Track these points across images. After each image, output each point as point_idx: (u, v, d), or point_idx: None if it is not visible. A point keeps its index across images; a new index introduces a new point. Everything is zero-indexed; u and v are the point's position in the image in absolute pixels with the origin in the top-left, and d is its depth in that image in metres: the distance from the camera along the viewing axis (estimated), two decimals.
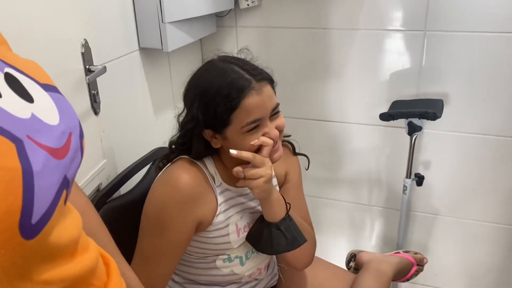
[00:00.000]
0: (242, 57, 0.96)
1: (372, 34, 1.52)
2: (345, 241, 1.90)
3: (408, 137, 1.45)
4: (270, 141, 0.90)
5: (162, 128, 1.37)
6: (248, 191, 1.00)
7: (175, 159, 0.99)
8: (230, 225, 0.98)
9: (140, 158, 1.17)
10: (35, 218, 0.35)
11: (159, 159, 1.04)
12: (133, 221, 1.01)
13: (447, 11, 1.41)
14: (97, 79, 1.00)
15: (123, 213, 1.05)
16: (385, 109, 1.44)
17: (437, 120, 1.36)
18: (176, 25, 1.28)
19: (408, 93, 1.55)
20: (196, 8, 1.37)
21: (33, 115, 0.39)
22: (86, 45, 0.95)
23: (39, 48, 0.81)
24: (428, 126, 1.55)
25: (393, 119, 1.40)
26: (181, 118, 0.97)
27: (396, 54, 1.53)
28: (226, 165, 0.99)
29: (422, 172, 1.59)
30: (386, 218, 1.79)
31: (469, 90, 1.49)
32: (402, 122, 1.44)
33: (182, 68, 1.47)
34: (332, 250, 1.91)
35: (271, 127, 0.91)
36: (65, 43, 0.91)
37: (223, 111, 0.88)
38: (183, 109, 0.97)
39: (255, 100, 0.88)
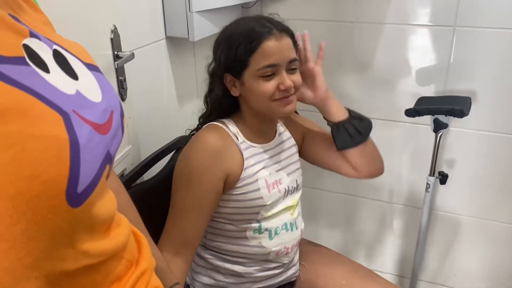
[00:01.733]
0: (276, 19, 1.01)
1: (400, 29, 1.50)
2: (365, 238, 1.88)
3: (433, 134, 1.43)
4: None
5: (186, 117, 1.38)
6: (270, 147, 1.06)
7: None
8: (259, 180, 1.02)
9: (164, 146, 1.18)
10: (80, 188, 0.36)
11: (190, 133, 1.11)
12: (155, 206, 1.02)
13: (478, 7, 1.38)
14: (125, 65, 1.02)
15: (145, 199, 1.06)
16: (410, 105, 1.42)
17: (464, 118, 1.34)
18: (203, 14, 1.28)
19: (435, 90, 1.53)
20: None
21: (77, 92, 0.41)
22: (115, 31, 0.96)
23: (70, 32, 0.81)
24: (454, 124, 1.52)
25: (419, 116, 1.38)
26: (210, 69, 1.04)
27: (423, 50, 1.50)
28: (248, 122, 1.04)
29: (446, 170, 1.56)
30: (407, 216, 1.76)
31: (498, 88, 1.45)
32: (427, 119, 1.42)
33: (207, 58, 1.47)
34: (352, 247, 1.91)
35: (286, 77, 0.95)
36: (95, 28, 0.93)
37: (242, 52, 0.94)
38: (212, 60, 1.03)
39: (274, 45, 0.93)
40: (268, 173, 1.04)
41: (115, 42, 0.96)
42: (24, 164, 0.32)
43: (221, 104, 1.03)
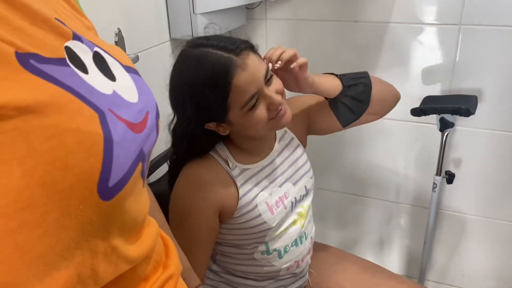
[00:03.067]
0: (211, 33, 0.93)
1: (405, 28, 1.49)
2: (372, 238, 1.87)
3: (440, 133, 1.42)
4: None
5: None
6: (268, 162, 1.00)
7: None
8: (259, 205, 0.96)
9: (168, 149, 1.18)
10: (112, 182, 0.38)
11: (168, 181, 1.03)
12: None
13: (484, 5, 1.37)
14: None
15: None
16: (416, 104, 1.41)
17: (470, 117, 1.33)
18: (207, 16, 1.28)
19: (440, 89, 1.52)
20: None
21: (114, 92, 0.43)
22: (119, 34, 0.97)
23: None
24: (461, 123, 1.51)
25: (425, 115, 1.37)
26: (172, 126, 0.97)
27: (429, 49, 1.49)
28: (239, 145, 0.98)
29: (452, 169, 1.55)
30: (414, 216, 1.75)
31: (504, 86, 1.44)
32: (433, 118, 1.41)
33: None
34: (359, 247, 1.90)
35: (271, 95, 0.88)
36: (99, 31, 0.92)
37: (216, 100, 0.85)
38: (174, 115, 0.95)
39: (244, 77, 0.83)
40: (269, 193, 0.99)
41: (120, 45, 0.97)
42: (60, 155, 0.34)
43: (212, 146, 0.98)
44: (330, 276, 1.18)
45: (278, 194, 1.00)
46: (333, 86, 1.01)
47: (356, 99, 1.01)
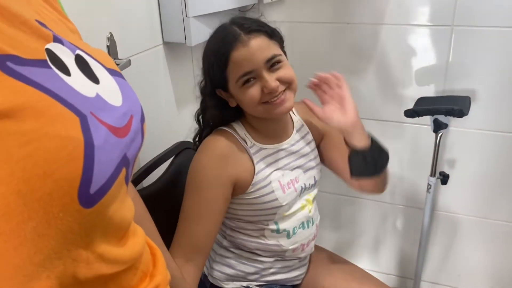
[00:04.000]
0: (255, 16, 0.99)
1: (398, 29, 1.50)
2: (367, 240, 1.88)
3: (434, 134, 1.42)
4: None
5: (185, 122, 1.38)
6: (283, 146, 1.04)
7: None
8: (273, 182, 1.01)
9: (163, 152, 1.18)
10: (93, 188, 0.37)
11: (193, 143, 1.11)
12: (156, 212, 1.01)
13: (476, 6, 1.37)
14: (122, 72, 1.01)
15: (146, 205, 1.06)
16: (410, 105, 1.42)
17: (464, 118, 1.33)
18: (200, 19, 1.28)
19: (434, 90, 1.52)
20: (220, 2, 1.37)
21: (97, 95, 0.41)
22: (111, 39, 0.96)
23: None
24: (454, 124, 1.51)
25: (418, 116, 1.38)
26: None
27: (422, 50, 1.50)
28: (255, 124, 1.03)
29: (447, 170, 1.56)
30: (409, 217, 1.76)
31: (497, 87, 1.45)
32: (427, 119, 1.41)
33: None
34: (354, 248, 1.90)
35: (268, 79, 0.91)
36: (91, 36, 0.92)
37: (217, 69, 0.94)
38: (203, 77, 1.03)
39: (241, 53, 0.91)
40: (282, 173, 1.03)
41: (112, 50, 0.96)
42: (38, 162, 0.33)
43: (222, 117, 1.03)
44: (317, 280, 1.19)
45: (289, 176, 1.04)
46: (365, 137, 1.02)
47: (374, 161, 1.02)
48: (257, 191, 1.00)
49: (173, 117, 1.37)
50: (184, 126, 1.21)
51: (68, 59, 0.41)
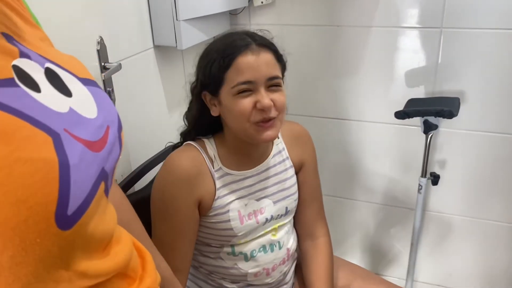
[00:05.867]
0: (260, 34, 0.96)
1: (387, 32, 1.51)
2: (358, 240, 1.88)
3: (424, 135, 1.44)
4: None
5: (176, 126, 1.37)
6: (252, 173, 1.00)
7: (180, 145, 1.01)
8: (231, 211, 0.97)
9: (154, 155, 1.18)
10: (71, 209, 0.35)
11: (172, 148, 1.07)
12: (147, 216, 1.01)
13: (464, 8, 1.39)
14: (112, 76, 1.01)
15: (137, 209, 1.05)
16: (400, 107, 1.43)
17: (454, 119, 1.34)
18: (190, 22, 1.28)
19: (424, 91, 1.54)
20: (210, 5, 1.38)
21: (71, 109, 0.40)
22: (101, 43, 0.96)
23: (55, 45, 0.82)
24: (444, 125, 1.53)
25: (409, 117, 1.38)
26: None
27: (411, 52, 1.51)
28: (229, 144, 0.98)
29: (437, 171, 1.57)
30: (400, 218, 1.77)
31: (486, 88, 1.46)
32: (417, 121, 1.42)
33: (195, 66, 1.47)
34: (346, 249, 1.90)
35: (263, 95, 0.87)
36: (81, 40, 0.92)
37: (217, 68, 0.89)
38: (195, 78, 0.99)
39: (249, 60, 0.87)
40: (245, 203, 0.99)
41: (102, 54, 0.96)
42: (10, 189, 0.31)
43: (200, 124, 1.00)
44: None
45: (253, 207, 1.00)
46: None
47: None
48: (214, 217, 0.97)
49: (164, 120, 1.37)
50: (176, 129, 1.21)
51: (38, 74, 0.40)
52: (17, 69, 0.38)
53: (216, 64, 0.89)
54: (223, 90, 0.90)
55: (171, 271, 0.83)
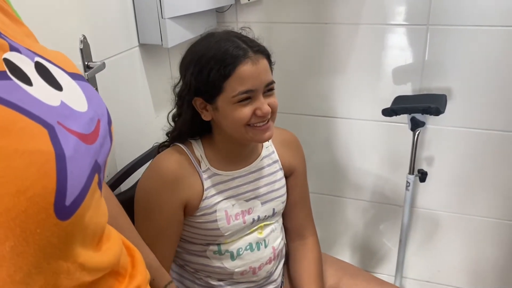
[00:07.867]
0: (244, 34, 0.96)
1: (374, 29, 1.51)
2: (347, 238, 1.89)
3: (411, 132, 1.44)
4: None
5: (163, 125, 1.36)
6: (241, 174, 1.01)
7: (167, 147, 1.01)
8: (218, 211, 0.98)
9: (141, 155, 1.17)
10: (69, 200, 0.36)
11: (158, 148, 1.06)
12: (133, 217, 1.00)
13: (450, 5, 1.39)
14: (96, 75, 1.00)
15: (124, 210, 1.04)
16: (387, 104, 1.43)
17: (441, 116, 1.35)
18: (176, 20, 1.27)
19: (411, 88, 1.54)
20: (196, 3, 1.36)
21: (62, 102, 0.40)
22: (84, 41, 0.94)
23: None
24: (431, 122, 1.53)
25: (396, 115, 1.39)
26: (177, 90, 0.98)
27: (398, 49, 1.51)
28: (218, 146, 0.99)
29: (425, 168, 1.58)
30: (389, 215, 1.77)
31: (473, 85, 1.47)
32: (405, 118, 1.43)
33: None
34: (335, 246, 1.91)
35: (263, 101, 0.90)
36: (63, 39, 0.90)
37: (216, 77, 0.88)
38: (179, 80, 0.97)
39: (250, 69, 0.88)
40: (232, 203, 0.99)
41: (85, 52, 0.95)
42: (10, 180, 0.32)
43: (191, 128, 0.99)
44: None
45: (241, 207, 1.01)
46: None
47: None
48: (202, 217, 0.97)
49: (150, 120, 1.35)
50: (163, 128, 1.20)
51: (28, 68, 0.40)
52: (8, 62, 0.38)
53: (215, 72, 0.88)
54: (220, 98, 0.90)
55: (158, 261, 0.84)
